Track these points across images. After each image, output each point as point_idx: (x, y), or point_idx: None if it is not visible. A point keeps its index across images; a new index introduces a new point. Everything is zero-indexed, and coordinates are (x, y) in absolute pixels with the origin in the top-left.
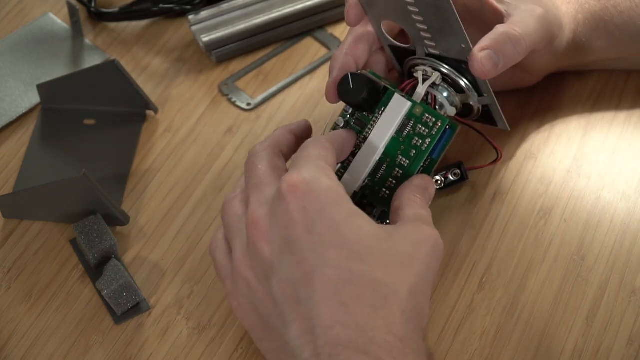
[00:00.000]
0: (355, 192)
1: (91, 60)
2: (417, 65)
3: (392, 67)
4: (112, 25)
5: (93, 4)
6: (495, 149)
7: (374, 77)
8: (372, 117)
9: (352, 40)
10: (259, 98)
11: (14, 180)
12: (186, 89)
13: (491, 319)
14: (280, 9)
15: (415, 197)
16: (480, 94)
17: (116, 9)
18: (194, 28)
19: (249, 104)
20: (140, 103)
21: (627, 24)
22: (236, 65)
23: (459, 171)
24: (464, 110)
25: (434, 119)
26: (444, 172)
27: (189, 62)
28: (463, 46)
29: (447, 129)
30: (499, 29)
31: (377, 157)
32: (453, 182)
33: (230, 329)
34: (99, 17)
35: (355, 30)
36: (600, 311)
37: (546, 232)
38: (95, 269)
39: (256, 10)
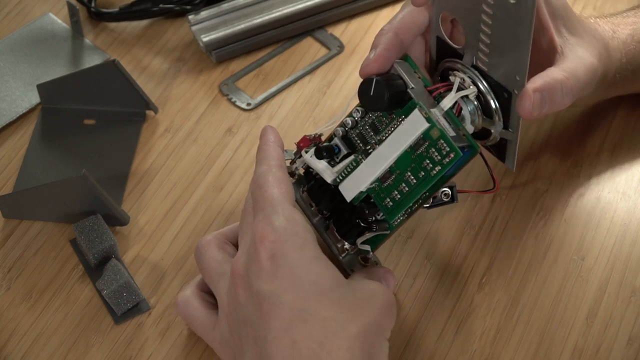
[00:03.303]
0: (362, 191)
1: (91, 60)
2: (456, 70)
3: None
4: (112, 25)
5: (93, 4)
6: (493, 179)
7: (400, 79)
8: (388, 122)
9: (405, 18)
10: (259, 98)
11: (14, 180)
12: (186, 89)
13: (491, 319)
14: (280, 9)
15: (389, 275)
16: (506, 127)
17: (116, 9)
18: (194, 28)
19: (249, 104)
20: (140, 103)
21: None
22: (236, 65)
23: (449, 192)
24: (480, 134)
25: (447, 149)
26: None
27: (189, 62)
28: (518, 78)
29: (463, 155)
30: (554, 74)
31: (387, 165)
32: (441, 203)
33: None
34: (99, 17)
35: (411, 9)
36: (600, 311)
37: (546, 232)
38: (95, 269)
39: (256, 10)
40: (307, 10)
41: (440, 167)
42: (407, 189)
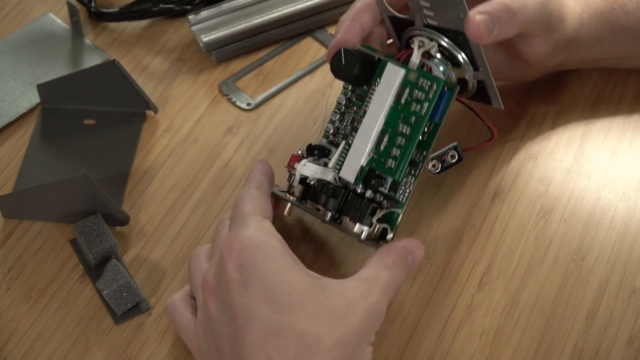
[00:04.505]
0: (362, 166)
1: (91, 60)
2: (414, 35)
3: (392, 42)
4: (112, 25)
5: (93, 4)
6: (489, 127)
7: (368, 51)
8: (369, 90)
9: (360, 6)
10: (259, 98)
11: (14, 180)
12: (186, 89)
13: (491, 319)
14: (280, 9)
15: (389, 257)
16: (476, 68)
17: (116, 9)
18: (194, 28)
19: (249, 104)
20: (140, 103)
21: (633, 24)
22: (236, 65)
23: (455, 153)
24: (461, 87)
25: (429, 82)
26: (440, 156)
27: (189, 62)
28: (462, 16)
29: (445, 91)
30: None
31: (378, 129)
32: (450, 165)
33: None
34: (99, 17)
35: None
36: (600, 311)
37: (546, 232)
38: (95, 269)
39: (256, 10)
40: (307, 10)
41: (428, 103)
42: (404, 140)
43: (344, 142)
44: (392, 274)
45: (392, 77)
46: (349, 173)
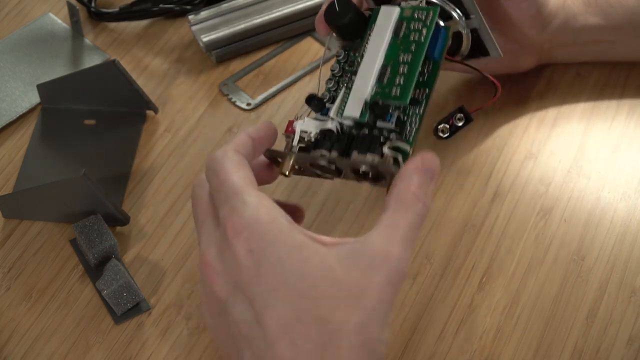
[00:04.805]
0: (366, 101)
1: (91, 60)
2: None
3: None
4: (112, 25)
5: (93, 4)
6: (493, 82)
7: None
8: (365, 36)
9: None
10: (259, 98)
11: (14, 180)
12: (186, 89)
13: (491, 319)
14: (280, 9)
15: (406, 192)
16: (467, 17)
17: (116, 9)
18: (194, 28)
19: (249, 104)
20: (140, 103)
21: (620, 0)
22: (236, 65)
23: (462, 115)
24: (455, 46)
25: (425, 12)
26: (447, 120)
27: (189, 62)
28: None
29: (441, 29)
30: None
31: (379, 64)
32: (459, 128)
33: None
34: (99, 17)
35: None
36: (600, 311)
37: (546, 232)
38: (95, 269)
39: (256, 10)
40: (307, 10)
41: (426, 29)
42: (406, 67)
43: (344, 89)
44: (413, 212)
45: (388, 15)
46: (354, 110)
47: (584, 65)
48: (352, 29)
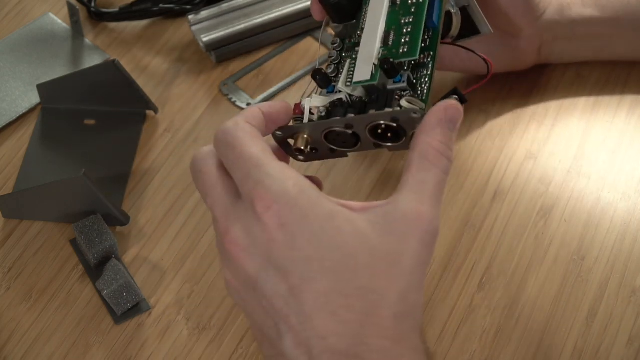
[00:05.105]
0: (374, 64)
1: (91, 60)
2: None
3: None
4: (112, 25)
5: (93, 4)
6: (484, 59)
7: None
8: (361, 15)
9: None
10: (259, 98)
11: (14, 180)
12: (186, 89)
13: (491, 319)
14: (280, 9)
15: (430, 148)
16: None
17: (116, 9)
18: (194, 28)
19: (249, 104)
20: (140, 103)
21: None
22: (236, 65)
23: (456, 96)
24: (445, 28)
25: None
26: None
27: (189, 62)
28: None
29: None
30: None
31: (381, 29)
32: None
33: (230, 329)
34: (99, 17)
35: None
36: (600, 311)
37: (546, 232)
38: (95, 269)
39: (256, 10)
40: (307, 10)
41: None
42: (410, 26)
43: (348, 60)
44: (438, 168)
45: None
46: (363, 74)
47: (584, 65)
48: (347, 8)
